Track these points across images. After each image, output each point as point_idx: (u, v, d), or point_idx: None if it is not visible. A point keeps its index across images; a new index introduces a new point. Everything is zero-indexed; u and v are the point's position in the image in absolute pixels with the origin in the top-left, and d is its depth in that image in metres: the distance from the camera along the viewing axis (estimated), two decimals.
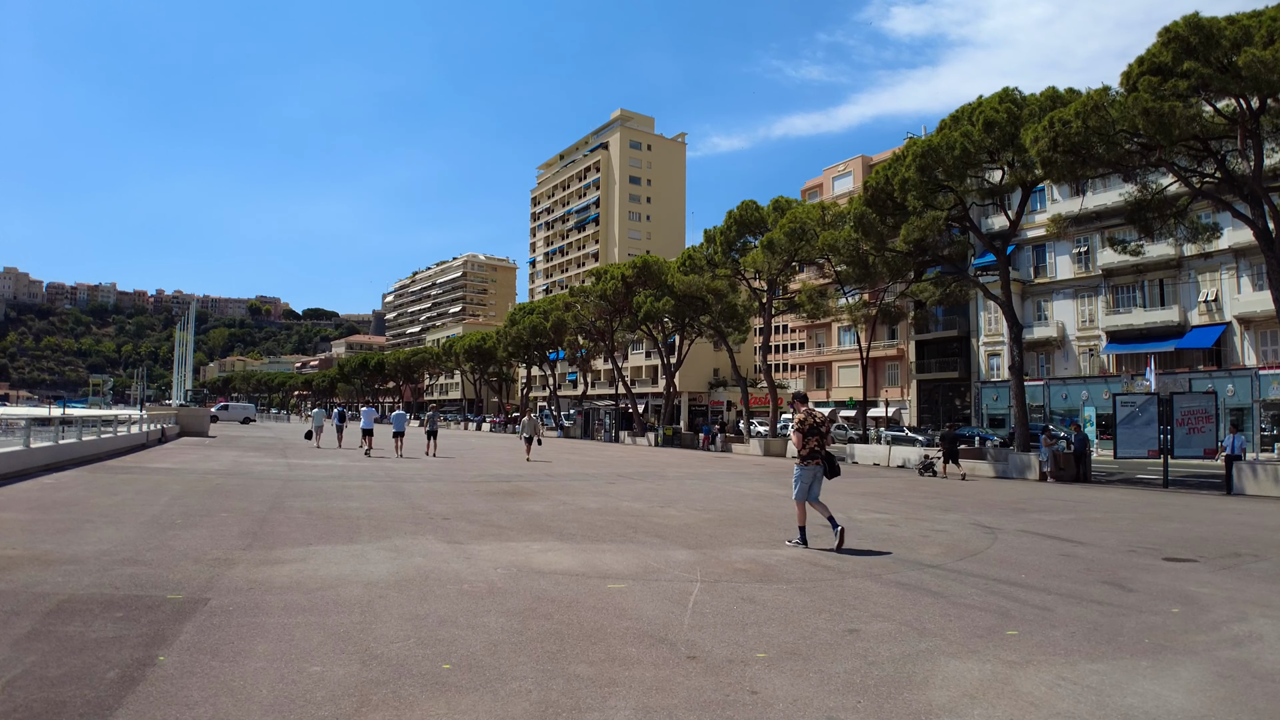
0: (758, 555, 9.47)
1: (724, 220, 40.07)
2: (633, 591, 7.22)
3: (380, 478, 18.24)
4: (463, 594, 6.85)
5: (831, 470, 10.53)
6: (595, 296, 50.08)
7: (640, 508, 13.78)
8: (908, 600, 7.31)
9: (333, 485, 15.93)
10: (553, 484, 17.91)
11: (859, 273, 33.36)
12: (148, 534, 9.23)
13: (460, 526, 10.78)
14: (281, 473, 18.60)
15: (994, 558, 9.79)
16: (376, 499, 13.78)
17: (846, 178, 72.24)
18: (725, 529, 11.59)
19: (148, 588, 6.64)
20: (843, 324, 68.37)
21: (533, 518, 11.98)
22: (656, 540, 10.24)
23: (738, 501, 15.54)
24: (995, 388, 59.37)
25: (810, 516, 10.61)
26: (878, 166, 31.06)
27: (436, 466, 22.49)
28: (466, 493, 15.39)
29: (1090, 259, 54.01)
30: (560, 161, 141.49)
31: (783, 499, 16.09)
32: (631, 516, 12.56)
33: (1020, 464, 27.90)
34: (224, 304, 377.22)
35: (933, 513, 15.00)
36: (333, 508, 12.30)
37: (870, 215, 29.45)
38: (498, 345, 73.74)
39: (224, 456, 23.49)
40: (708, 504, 14.77)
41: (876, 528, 12.47)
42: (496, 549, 9.13)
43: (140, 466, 18.62)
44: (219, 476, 16.85)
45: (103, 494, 12.93)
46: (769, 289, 40.33)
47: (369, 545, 9.07)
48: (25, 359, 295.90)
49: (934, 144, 28.55)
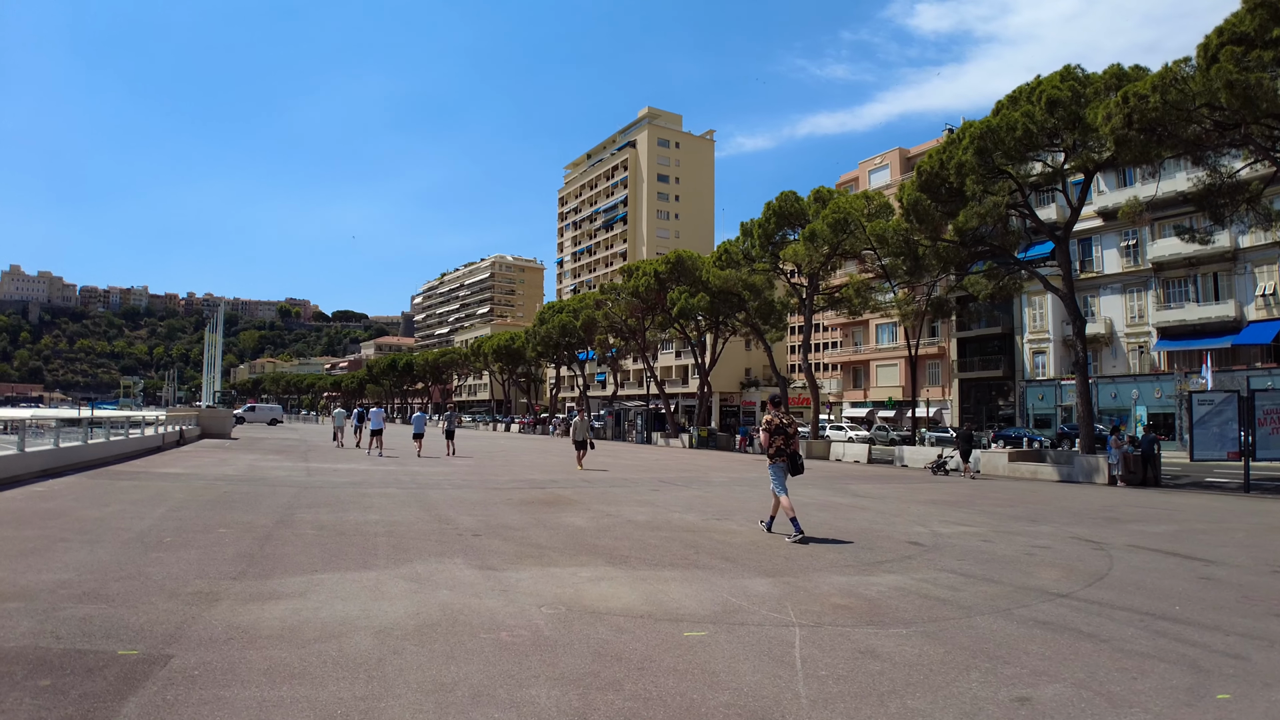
0: (851, 584, 7.85)
1: (762, 212, 38.35)
2: (718, 643, 5.63)
3: (405, 484, 16.79)
4: (501, 648, 5.28)
5: (795, 468, 10.95)
6: (627, 293, 48.48)
7: (694, 521, 12.17)
8: (1064, 648, 5.79)
9: (351, 494, 14.47)
10: (591, 491, 16.35)
11: (909, 265, 31.52)
12: (125, 557, 7.77)
13: (493, 546, 9.24)
14: (298, 479, 17.21)
15: (1125, 582, 8.27)
16: (398, 510, 12.29)
17: (883, 171, 70.17)
18: (798, 548, 9.97)
19: (98, 638, 5.15)
20: (881, 321, 66.49)
21: (575, 534, 10.42)
22: (725, 564, 8.64)
23: (801, 513, 13.89)
24: (1040, 386, 57.21)
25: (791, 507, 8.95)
26: (930, 151, 29.23)
27: (465, 471, 21.01)
28: (498, 502, 13.87)
29: (1139, 252, 51.75)
30: (587, 161, 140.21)
31: (850, 509, 14.45)
32: (688, 532, 10.96)
33: (1087, 467, 26.06)
34: (254, 306, 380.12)
35: (1019, 524, 13.44)
36: (348, 521, 10.81)
37: (925, 202, 27.62)
38: (527, 345, 72.43)
39: (241, 460, 22.19)
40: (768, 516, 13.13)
41: (969, 544, 10.85)
42: (538, 577, 7.57)
43: (147, 472, 17.29)
44: (229, 483, 15.46)
45: (93, 504, 11.54)
46: (809, 283, 38.56)
47: (386, 572, 7.54)
48: (59, 361, 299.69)
49: (993, 125, 26.72)
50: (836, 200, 36.34)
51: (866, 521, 12.97)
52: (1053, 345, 56.74)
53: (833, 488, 19.66)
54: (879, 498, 17.44)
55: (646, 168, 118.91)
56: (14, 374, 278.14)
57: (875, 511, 14.55)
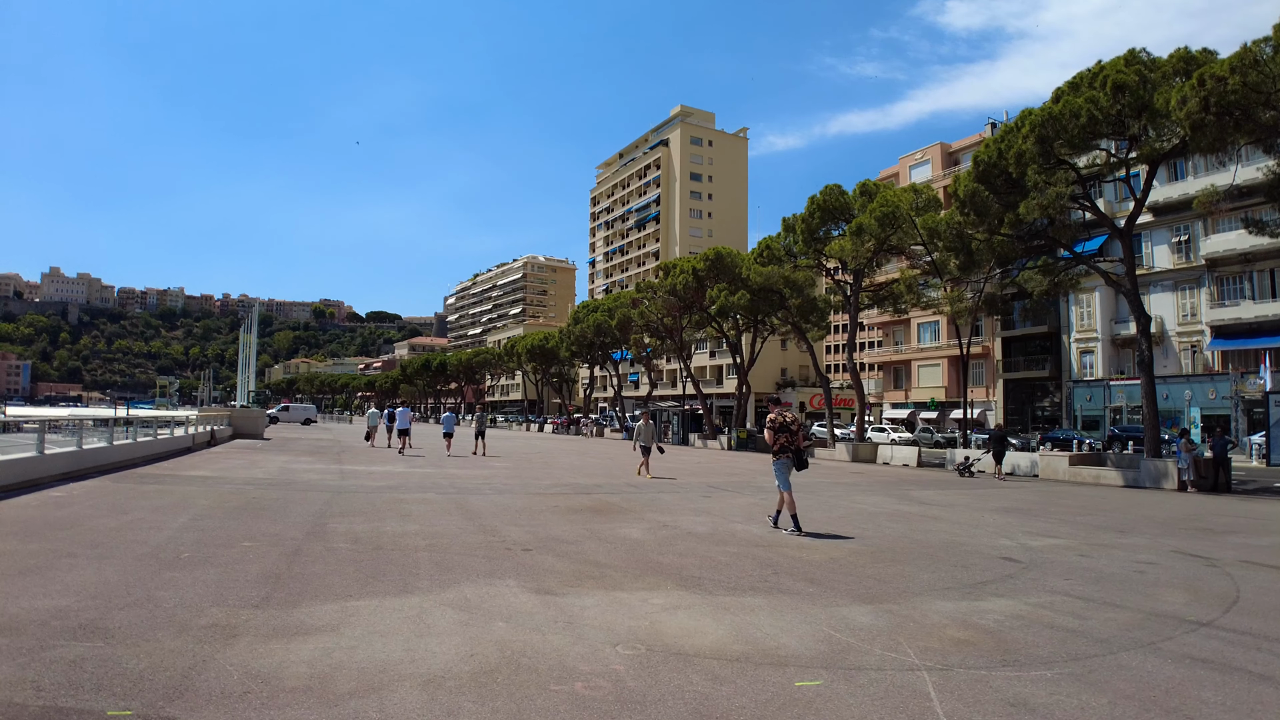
0: (961, 612, 6.77)
1: (805, 206, 37.09)
2: (839, 695, 4.56)
3: (443, 488, 15.86)
4: (579, 705, 4.25)
5: (800, 463, 11.35)
6: (664, 292, 47.35)
7: (760, 534, 11.09)
8: (1244, 694, 4.87)
9: (388, 500, 13.54)
10: (639, 498, 15.31)
11: (962, 259, 30.12)
12: (135, 576, 6.86)
13: (547, 564, 8.22)
14: (331, 482, 16.35)
15: (1266, 608, 7.26)
16: (439, 518, 11.33)
17: (924, 166, 68.49)
18: (887, 566, 8.88)
19: (87, 690, 4.19)
20: (923, 320, 64.83)
21: (635, 548, 9.38)
22: (811, 588, 7.56)
23: (871, 523, 12.76)
24: (1089, 387, 55.37)
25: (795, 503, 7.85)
26: (987, 141, 27.90)
27: (505, 475, 20.07)
28: (544, 509, 12.87)
29: (1191, 248, 49.84)
30: (619, 160, 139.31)
31: (922, 519, 13.28)
32: (757, 547, 9.88)
33: (1154, 472, 24.63)
34: (289, 307, 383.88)
35: (1106, 534, 12.41)
36: (385, 532, 9.85)
37: (983, 193, 26.26)
38: (560, 345, 71.58)
39: (272, 462, 21.42)
40: (840, 528, 12.01)
41: (1066, 559, 9.82)
42: (605, 605, 6.53)
43: (175, 475, 16.52)
44: (258, 487, 14.61)
45: (110, 512, 10.69)
46: (854, 280, 37.24)
47: (430, 597, 6.55)
48: (98, 361, 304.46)
49: (1054, 112, 25.34)
50: (883, 193, 34.99)
51: (946, 533, 11.84)
52: (1100, 344, 54.91)
53: (894, 494, 18.48)
54: (947, 505, 16.25)
55: (679, 166, 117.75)
56: (54, 374, 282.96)
57: (951, 522, 13.39)
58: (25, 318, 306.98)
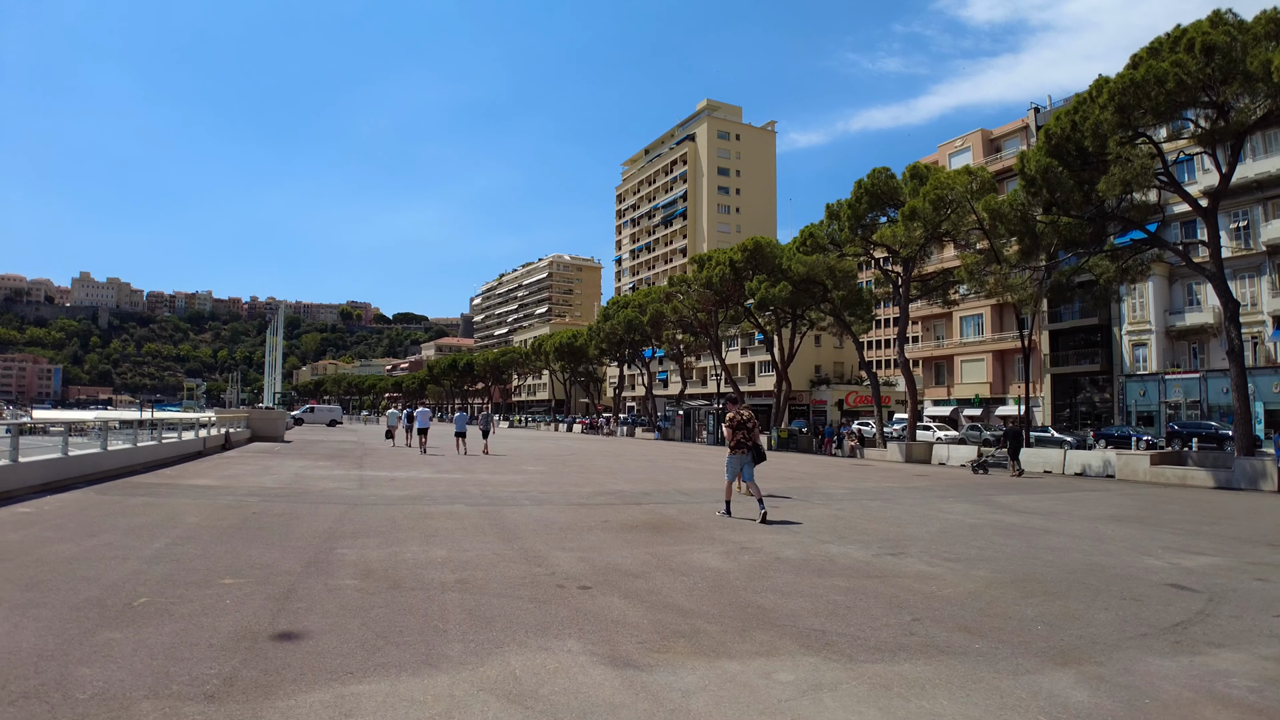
0: (1197, 675, 4.87)
1: (851, 191, 34.87)
2: None
3: (473, 498, 13.94)
4: None
5: (758, 457, 11.85)
6: (699, 285, 45.25)
7: (865, 558, 9.01)
8: None
9: (409, 514, 11.63)
10: (698, 510, 13.29)
11: (1026, 244, 27.82)
12: (61, 638, 4.95)
13: (616, 610, 6.21)
14: (348, 492, 14.48)
15: None
16: (470, 540, 9.39)
17: (964, 154, 65.74)
18: (1044, 601, 6.89)
19: None
20: (966, 313, 62.26)
21: (720, 584, 7.35)
22: (973, 640, 5.55)
23: (980, 539, 10.66)
24: (1142, 381, 52.63)
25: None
26: (1058, 113, 25.58)
27: (540, 481, 18.12)
28: (593, 526, 10.88)
29: (1251, 234, 47.03)
30: (645, 157, 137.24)
31: (1031, 533, 11.14)
32: (869, 577, 7.83)
33: (1250, 472, 22.37)
34: (316, 309, 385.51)
35: (1259, 549, 10.48)
36: (404, 561, 7.91)
37: (1056, 168, 23.96)
38: (589, 343, 69.71)
39: (286, 468, 19.60)
40: (951, 547, 9.94)
41: (1242, 584, 8.17)
42: (715, 688, 4.50)
43: (173, 484, 14.71)
44: (263, 499, 12.75)
45: (76, 534, 8.82)
46: (904, 269, 35.00)
47: (462, 675, 4.57)
48: (127, 365, 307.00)
49: (1136, 78, 23.07)
50: (937, 176, 32.75)
51: (1076, 552, 9.80)
52: (1155, 336, 52.16)
53: (977, 500, 16.36)
54: (1048, 514, 14.11)
55: (706, 161, 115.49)
56: (84, 377, 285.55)
57: (1068, 535, 11.31)
58: (56, 322, 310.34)
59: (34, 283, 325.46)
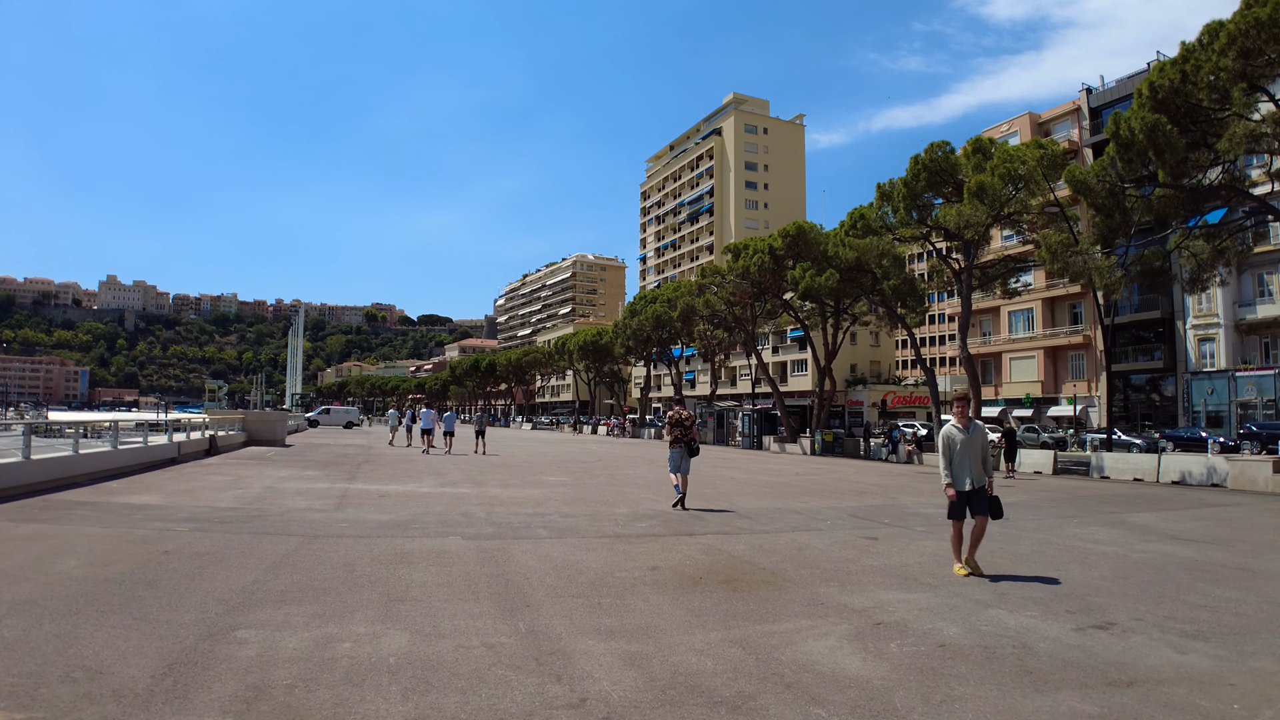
0: None
1: (907, 168, 31.35)
2: None
3: (475, 523, 10.71)
4: None
5: (691, 452, 13.07)
6: (734, 276, 41.81)
7: (1067, 637, 5.62)
8: None
9: (381, 554, 8.39)
10: (775, 544, 9.95)
11: (1117, 220, 24.24)
12: None
13: None
14: (318, 514, 11.31)
15: None
16: (452, 611, 6.13)
17: (1012, 138, 61.75)
18: None
19: None
20: (1014, 308, 58.45)
21: (884, 711, 4.10)
22: None
23: (1187, 589, 7.23)
24: (1210, 379, 48.65)
25: None
26: (1161, 64, 22.06)
27: (562, 499, 14.84)
28: (637, 578, 7.57)
29: None
30: (670, 153, 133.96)
31: (1215, 566, 7.77)
32: (1119, 688, 4.49)
33: None
34: (341, 312, 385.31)
35: None
36: (332, 664, 4.67)
37: (1164, 125, 20.37)
38: (615, 340, 66.41)
39: (262, 480, 16.47)
40: (1165, 608, 6.55)
41: None
42: None
43: (99, 503, 11.55)
44: (198, 528, 9.59)
45: None
46: (966, 254, 31.46)
47: None
48: (153, 367, 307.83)
49: (1261, 16, 19.52)
50: (1003, 148, 29.24)
51: None
52: (1223, 331, 48.18)
53: (1103, 520, 12.92)
54: (1215, 542, 10.61)
55: (733, 155, 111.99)
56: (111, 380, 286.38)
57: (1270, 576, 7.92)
58: (83, 325, 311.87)
59: (62, 286, 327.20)
